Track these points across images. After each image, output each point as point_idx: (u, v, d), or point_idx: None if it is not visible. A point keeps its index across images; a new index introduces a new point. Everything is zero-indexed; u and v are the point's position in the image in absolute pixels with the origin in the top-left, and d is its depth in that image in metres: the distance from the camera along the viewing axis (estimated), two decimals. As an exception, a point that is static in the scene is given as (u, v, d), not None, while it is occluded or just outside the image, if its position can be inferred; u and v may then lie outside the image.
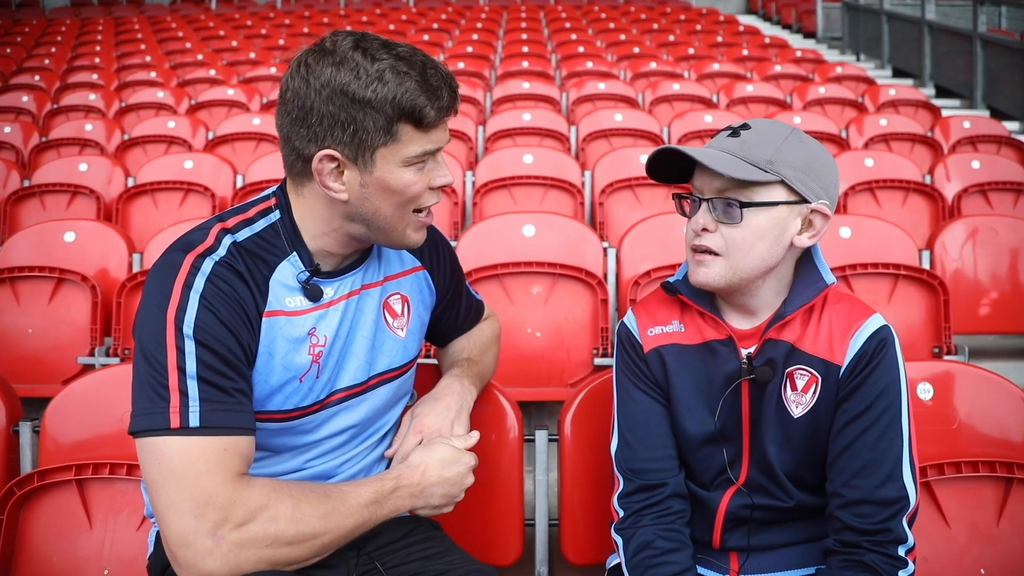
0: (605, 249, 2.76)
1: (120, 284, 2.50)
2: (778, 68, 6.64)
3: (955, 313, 2.56)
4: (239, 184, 3.79)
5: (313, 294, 1.17)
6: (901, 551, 1.18)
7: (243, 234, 1.15)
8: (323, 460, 1.24)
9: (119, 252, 2.86)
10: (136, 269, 2.78)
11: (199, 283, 1.07)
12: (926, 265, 2.80)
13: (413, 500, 1.18)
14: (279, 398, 1.15)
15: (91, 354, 2.50)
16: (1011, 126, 6.10)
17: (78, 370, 2.50)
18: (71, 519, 1.50)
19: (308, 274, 1.17)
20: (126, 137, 4.76)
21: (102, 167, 3.98)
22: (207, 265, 1.09)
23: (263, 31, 9.26)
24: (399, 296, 1.31)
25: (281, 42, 8.43)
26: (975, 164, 3.93)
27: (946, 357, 2.45)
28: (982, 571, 1.54)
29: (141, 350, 1.06)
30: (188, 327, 1.04)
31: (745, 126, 1.21)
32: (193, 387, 1.02)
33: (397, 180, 1.12)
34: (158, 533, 1.24)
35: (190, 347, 1.03)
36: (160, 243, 2.75)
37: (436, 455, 1.20)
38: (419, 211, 1.18)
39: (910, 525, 1.20)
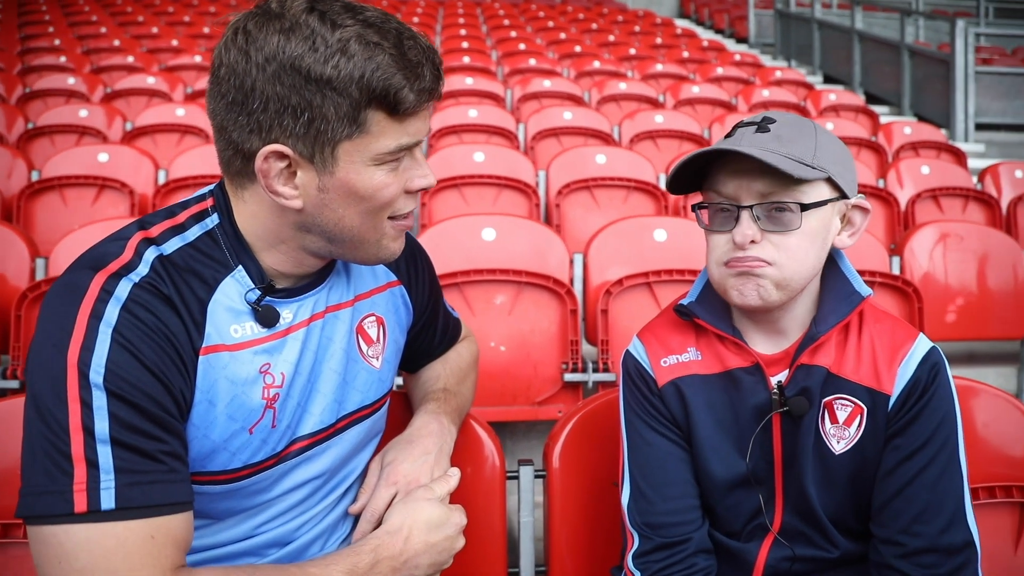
0: (572, 256, 2.57)
1: (20, 294, 2.15)
2: (720, 71, 6.63)
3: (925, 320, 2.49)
4: (161, 180, 3.44)
5: (267, 318, 0.92)
6: None
7: (172, 245, 0.90)
8: (277, 523, 0.99)
9: (19, 256, 2.49)
10: (40, 276, 2.44)
11: (111, 313, 0.81)
12: (895, 271, 2.73)
13: (395, 574, 0.94)
14: (223, 456, 0.90)
15: (-15, 375, 2.16)
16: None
17: (-31, 393, 2.16)
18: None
19: (260, 292, 0.92)
20: (30, 126, 4.31)
21: (1, 159, 3.55)
22: (123, 288, 0.83)
23: (186, 18, 8.73)
24: (374, 318, 1.08)
25: (206, 30, 7.95)
26: (925, 170, 3.94)
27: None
28: (1001, 603, 1.43)
29: (35, 403, 0.79)
30: (96, 373, 0.78)
31: (770, 119, 1.05)
32: (105, 454, 0.77)
33: (365, 183, 0.88)
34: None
35: (100, 400, 0.78)
36: (70, 247, 2.41)
37: (420, 516, 0.97)
38: (394, 218, 0.94)
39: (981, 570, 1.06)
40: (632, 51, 7.51)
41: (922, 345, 1.07)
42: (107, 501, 0.76)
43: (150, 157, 3.53)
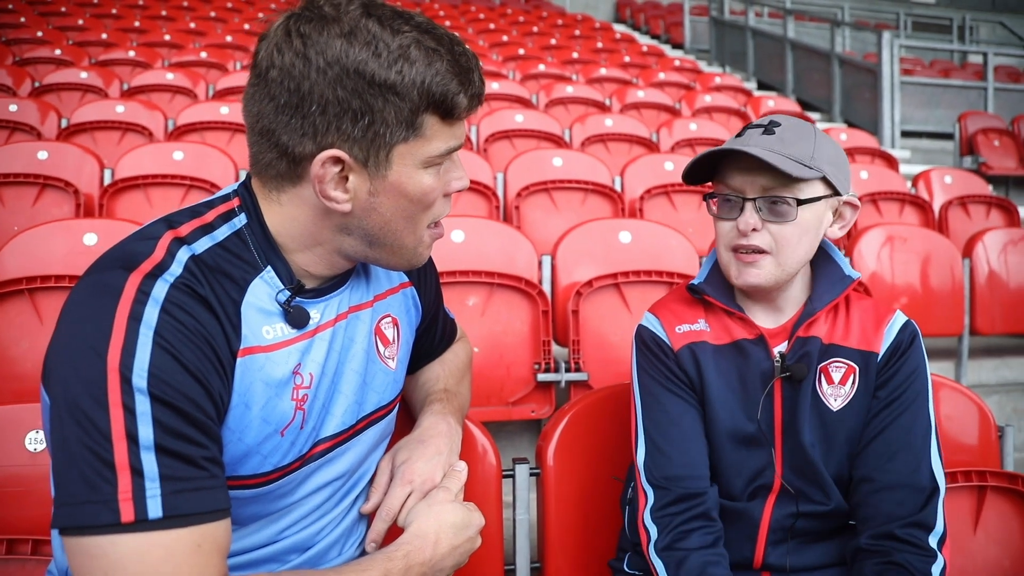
0: (540, 258, 2.59)
1: (-32, 298, 2.04)
2: (662, 76, 6.77)
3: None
4: (107, 180, 3.30)
5: (298, 319, 0.91)
6: (932, 541, 1.14)
7: (202, 245, 0.88)
8: (299, 528, 0.98)
9: (-38, 258, 2.36)
10: (-14, 280, 2.31)
11: (151, 315, 0.79)
12: (845, 272, 2.85)
13: None
14: (255, 460, 0.88)
15: (-72, 385, 2.03)
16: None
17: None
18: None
19: (290, 293, 0.91)
20: (-45, 121, 4.07)
21: (-72, 155, 3.35)
22: (160, 289, 0.81)
23: (113, 11, 8.38)
24: (391, 319, 1.08)
25: (137, 24, 7.67)
26: (863, 174, 4.12)
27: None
28: (962, 582, 1.52)
29: (68, 410, 0.76)
30: (140, 377, 0.76)
31: (775, 123, 1.20)
32: (150, 461, 0.74)
33: (415, 185, 0.89)
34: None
35: (144, 405, 0.75)
36: (18, 249, 2.29)
37: (448, 520, 0.98)
38: (430, 226, 0.95)
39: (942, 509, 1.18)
40: (575, 55, 7.60)
41: (901, 316, 1.26)
42: (154, 510, 0.73)
43: (94, 155, 3.38)
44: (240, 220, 0.91)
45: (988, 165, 5.98)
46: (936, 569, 1.12)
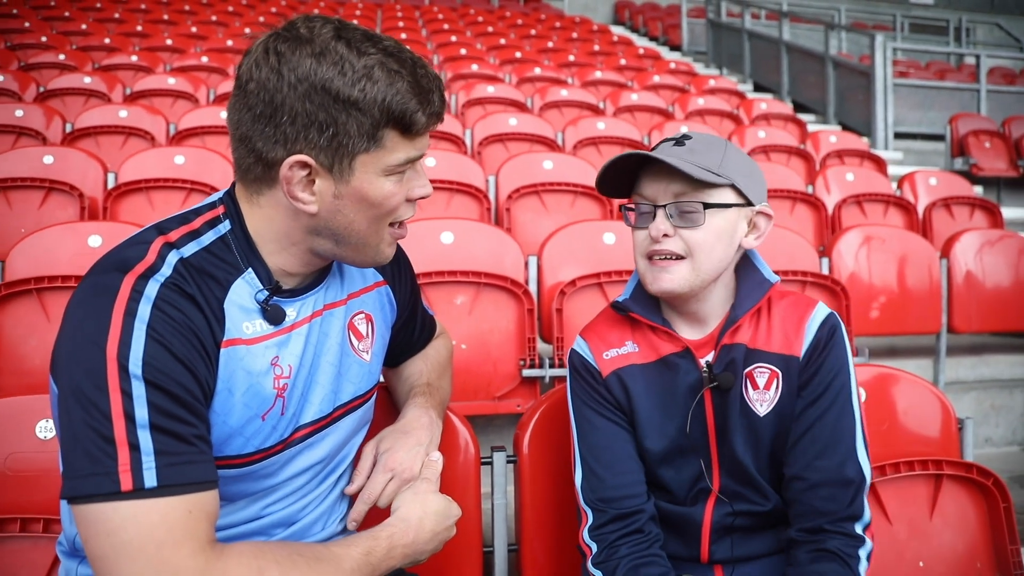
0: (527, 258, 2.69)
1: (-21, 297, 2.15)
2: (657, 79, 6.86)
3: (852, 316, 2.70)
4: (111, 184, 3.41)
5: (275, 316, 1.01)
6: (859, 528, 1.21)
7: (189, 249, 0.98)
8: (282, 505, 1.08)
9: (-27, 260, 2.47)
10: (-2, 280, 2.41)
11: (144, 311, 0.89)
12: (824, 271, 2.94)
13: (404, 561, 1.05)
14: (239, 441, 0.99)
15: (-57, 379, 2.14)
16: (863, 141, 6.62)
17: (-73, 398, 2.13)
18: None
19: (268, 293, 1.01)
20: (-37, 126, 4.18)
21: (-63, 160, 3.45)
22: (152, 288, 0.91)
23: (116, 15, 8.49)
24: (364, 315, 1.18)
25: (139, 28, 7.77)
26: (849, 176, 4.21)
27: (857, 359, 2.57)
28: (920, 564, 1.61)
29: (74, 395, 0.86)
30: (135, 365, 0.86)
31: (687, 136, 1.23)
32: (146, 438, 0.85)
33: (376, 191, 0.98)
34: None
35: (139, 389, 0.85)
36: (26, 250, 2.40)
37: (431, 508, 1.09)
38: (393, 225, 1.05)
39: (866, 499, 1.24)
40: (571, 57, 7.69)
41: (820, 311, 1.27)
42: (150, 480, 0.83)
43: (98, 160, 3.49)
44: (225, 226, 1.01)
45: (979, 166, 6.06)
46: (863, 552, 1.19)
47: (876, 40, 7.18)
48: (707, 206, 1.18)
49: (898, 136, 7.41)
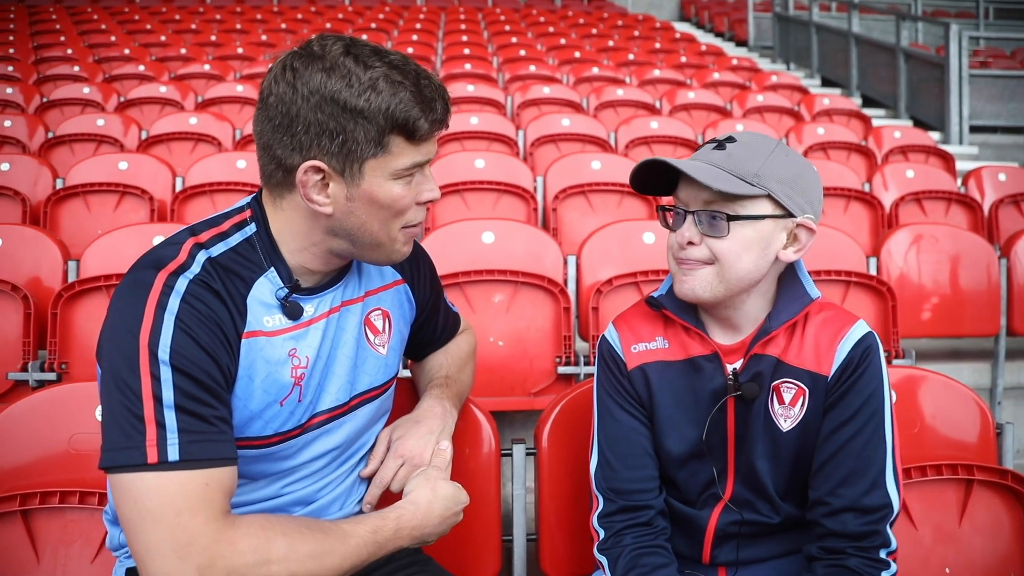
0: (566, 257, 2.74)
1: (55, 294, 2.33)
2: (716, 76, 6.77)
3: (899, 318, 2.65)
4: (179, 187, 3.62)
5: (293, 312, 1.11)
6: (883, 554, 1.18)
7: (217, 249, 1.08)
8: (302, 485, 1.17)
9: (52, 259, 2.67)
10: (72, 278, 2.61)
11: (173, 303, 0.99)
12: (872, 271, 2.88)
13: (411, 541, 1.13)
14: (259, 424, 1.08)
15: (23, 369, 2.33)
16: (934, 136, 6.39)
17: (9, 386, 2.33)
18: (15, 553, 1.39)
19: (287, 290, 1.11)
20: (51, 135, 4.50)
21: (27, 167, 3.73)
22: (181, 284, 1.01)
23: (193, 26, 8.92)
24: (380, 312, 1.25)
25: (213, 38, 8.15)
26: (909, 173, 4.09)
27: (895, 362, 2.53)
28: (947, 570, 1.58)
29: (112, 377, 0.97)
30: (164, 352, 0.96)
31: (731, 139, 1.20)
32: (171, 418, 0.95)
33: (385, 193, 1.06)
34: (129, 571, 1.16)
35: (166, 374, 0.96)
36: (99, 250, 2.59)
37: (441, 493, 1.16)
38: (405, 227, 1.13)
39: (891, 528, 1.21)
40: (631, 56, 7.66)
41: (858, 330, 1.22)
42: (172, 454, 0.94)
43: (167, 165, 3.71)
44: (251, 228, 1.12)
45: (1060, 161, 5.77)
46: (886, 575, 1.18)
47: (951, 29, 6.91)
48: (731, 218, 1.14)
49: (975, 130, 7.11)
